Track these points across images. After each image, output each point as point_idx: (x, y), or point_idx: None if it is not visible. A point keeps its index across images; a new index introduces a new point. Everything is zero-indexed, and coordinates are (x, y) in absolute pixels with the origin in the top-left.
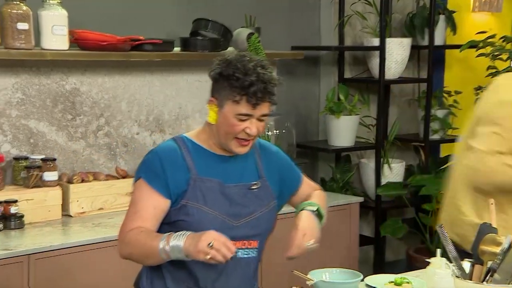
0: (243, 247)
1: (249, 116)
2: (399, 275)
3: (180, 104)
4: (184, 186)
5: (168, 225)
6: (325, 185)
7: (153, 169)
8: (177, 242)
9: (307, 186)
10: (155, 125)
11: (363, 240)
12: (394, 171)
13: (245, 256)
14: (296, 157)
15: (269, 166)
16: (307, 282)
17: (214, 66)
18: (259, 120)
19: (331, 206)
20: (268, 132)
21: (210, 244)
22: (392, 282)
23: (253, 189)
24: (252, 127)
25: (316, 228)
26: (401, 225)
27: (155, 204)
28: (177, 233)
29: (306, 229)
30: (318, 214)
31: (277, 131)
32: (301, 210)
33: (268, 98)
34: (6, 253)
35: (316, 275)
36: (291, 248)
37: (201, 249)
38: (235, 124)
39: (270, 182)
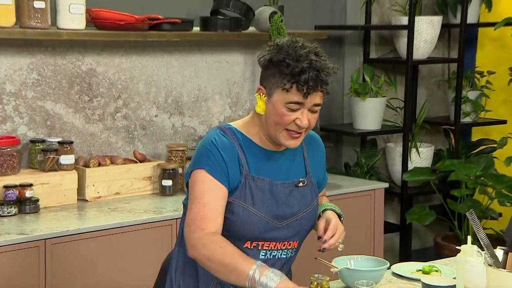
0: (283, 248)
1: (299, 105)
2: (427, 263)
3: (199, 85)
4: (236, 183)
5: None
6: (350, 170)
7: (216, 159)
8: (270, 283)
9: (323, 190)
10: (174, 107)
11: (388, 227)
12: (422, 156)
13: (284, 256)
14: None
15: (315, 160)
16: (331, 270)
17: (263, 52)
18: (311, 111)
19: (355, 192)
20: None
21: None
22: (420, 270)
23: (299, 186)
24: (303, 118)
25: (343, 226)
26: (428, 212)
27: (223, 195)
28: (272, 269)
29: (338, 226)
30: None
31: None
32: (325, 209)
33: (321, 87)
34: (22, 238)
35: (340, 263)
36: (328, 240)
37: None
38: (285, 114)
39: (315, 177)
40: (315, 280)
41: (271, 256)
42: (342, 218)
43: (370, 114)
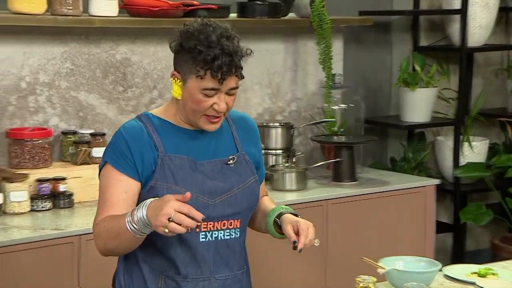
0: (224, 227)
1: (215, 90)
2: (482, 266)
3: None
4: (152, 166)
5: None
6: (396, 165)
7: (119, 151)
8: (140, 214)
9: (263, 187)
10: None
11: (440, 227)
12: (476, 150)
13: (228, 237)
14: (364, 134)
15: (247, 138)
16: (378, 271)
17: (175, 36)
18: (228, 94)
19: (404, 189)
20: (334, 106)
21: (170, 219)
22: (475, 273)
23: (229, 164)
24: (220, 103)
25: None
26: (484, 211)
27: (126, 188)
28: (139, 204)
29: (307, 222)
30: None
31: (345, 106)
32: (281, 213)
33: (235, 72)
34: (57, 233)
35: (388, 263)
36: (301, 240)
37: (160, 223)
38: (202, 101)
39: (249, 156)
40: (361, 282)
41: (213, 238)
42: (299, 216)
43: (419, 105)
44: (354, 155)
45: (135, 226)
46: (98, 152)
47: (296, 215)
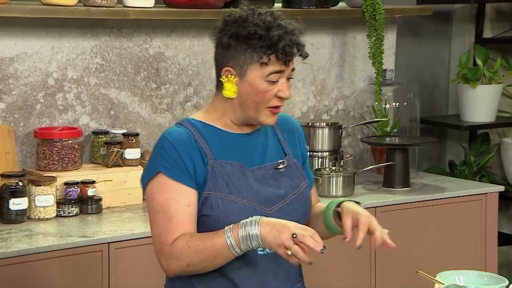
0: None
1: (280, 74)
2: None
3: None
4: (204, 174)
5: None
6: (455, 170)
7: (171, 158)
8: (252, 231)
9: (315, 193)
10: None
11: (503, 239)
12: None
13: None
14: (420, 135)
15: (292, 141)
16: (436, 286)
17: (219, 30)
18: (288, 79)
19: (462, 196)
20: (386, 105)
21: (295, 235)
22: None
23: (280, 168)
24: (284, 89)
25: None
26: None
27: (188, 201)
28: (244, 221)
29: (369, 215)
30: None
31: (397, 104)
32: (339, 203)
33: (297, 50)
34: (85, 241)
35: (447, 278)
36: (359, 235)
37: (283, 241)
38: (267, 90)
39: (297, 159)
40: None
41: (271, 250)
42: (362, 204)
43: (481, 103)
44: (409, 158)
45: (238, 242)
46: (131, 153)
47: (358, 203)
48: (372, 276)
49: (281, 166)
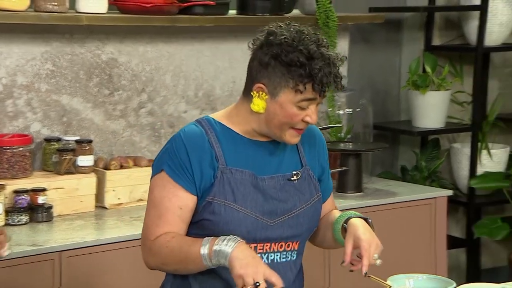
0: (281, 249)
1: (312, 101)
2: (500, 285)
3: (234, 77)
4: (211, 178)
5: (190, 224)
6: (407, 175)
7: (178, 159)
8: (225, 248)
9: (332, 202)
10: (205, 102)
11: (452, 242)
12: (495, 159)
13: (284, 260)
14: (373, 141)
15: (312, 151)
16: None
17: (259, 45)
18: (317, 105)
19: (413, 201)
20: (339, 111)
21: (257, 284)
22: None
23: (292, 180)
24: (312, 115)
25: (377, 238)
26: (500, 225)
27: (182, 204)
28: (225, 237)
29: (371, 240)
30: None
31: (350, 110)
32: (347, 219)
33: (335, 83)
34: (35, 249)
35: (397, 281)
36: (364, 263)
37: (245, 275)
38: (296, 114)
39: (314, 171)
40: None
41: (269, 261)
42: (370, 221)
43: (431, 110)
44: (362, 164)
45: (210, 256)
46: (83, 160)
47: (366, 219)
48: (325, 281)
49: (294, 177)
